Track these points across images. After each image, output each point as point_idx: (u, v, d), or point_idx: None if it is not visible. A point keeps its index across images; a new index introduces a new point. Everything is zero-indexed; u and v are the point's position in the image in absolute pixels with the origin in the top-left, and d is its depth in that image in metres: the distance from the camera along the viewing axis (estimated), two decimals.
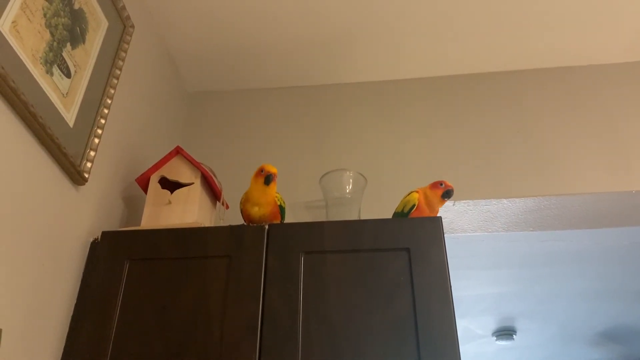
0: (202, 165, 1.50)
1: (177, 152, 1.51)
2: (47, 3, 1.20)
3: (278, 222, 1.43)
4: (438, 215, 1.35)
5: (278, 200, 1.42)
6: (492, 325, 3.81)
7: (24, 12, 1.11)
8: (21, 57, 1.09)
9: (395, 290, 1.18)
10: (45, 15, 1.19)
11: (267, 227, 1.30)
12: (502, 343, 3.90)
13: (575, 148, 1.83)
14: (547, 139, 1.86)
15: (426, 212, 1.37)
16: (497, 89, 2.01)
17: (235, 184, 1.77)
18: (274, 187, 1.40)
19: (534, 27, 1.88)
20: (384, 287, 1.19)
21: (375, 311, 1.16)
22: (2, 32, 1.04)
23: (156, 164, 1.49)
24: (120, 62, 1.51)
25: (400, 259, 1.22)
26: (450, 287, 1.17)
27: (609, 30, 1.89)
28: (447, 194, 1.37)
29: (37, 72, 1.15)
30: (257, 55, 1.99)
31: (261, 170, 1.39)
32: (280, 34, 1.90)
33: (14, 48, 1.07)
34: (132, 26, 1.59)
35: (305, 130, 2.01)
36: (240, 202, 1.44)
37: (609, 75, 1.98)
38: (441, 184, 1.39)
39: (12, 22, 1.07)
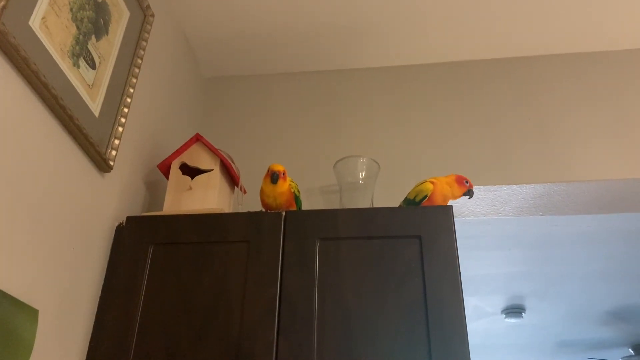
0: (221, 152, 1.55)
1: (197, 139, 1.56)
2: None
3: (294, 209, 1.48)
4: (449, 204, 1.39)
5: (292, 188, 1.47)
6: (501, 303, 3.88)
7: (52, 8, 1.16)
8: (50, 52, 1.14)
9: (406, 276, 1.24)
10: (71, 9, 1.23)
11: (284, 214, 1.35)
12: (511, 321, 3.98)
13: (585, 135, 1.85)
14: (557, 126, 1.88)
15: (438, 203, 1.41)
16: (509, 76, 2.02)
17: (252, 168, 1.83)
18: (282, 183, 1.45)
19: (545, 13, 1.88)
20: (395, 272, 1.24)
21: (387, 296, 1.22)
22: (33, 28, 1.09)
23: (177, 150, 1.55)
24: (142, 51, 1.55)
25: (411, 246, 1.27)
26: (460, 274, 1.22)
27: (622, 16, 1.89)
28: (469, 193, 1.43)
29: (65, 65, 1.19)
30: (272, 40, 2.02)
31: (268, 170, 1.46)
32: (295, 19, 1.92)
33: (44, 44, 1.12)
34: (152, 15, 1.63)
35: (321, 115, 2.04)
36: (260, 191, 1.49)
37: (620, 62, 1.98)
38: (466, 182, 1.43)
39: (42, 19, 1.12)
